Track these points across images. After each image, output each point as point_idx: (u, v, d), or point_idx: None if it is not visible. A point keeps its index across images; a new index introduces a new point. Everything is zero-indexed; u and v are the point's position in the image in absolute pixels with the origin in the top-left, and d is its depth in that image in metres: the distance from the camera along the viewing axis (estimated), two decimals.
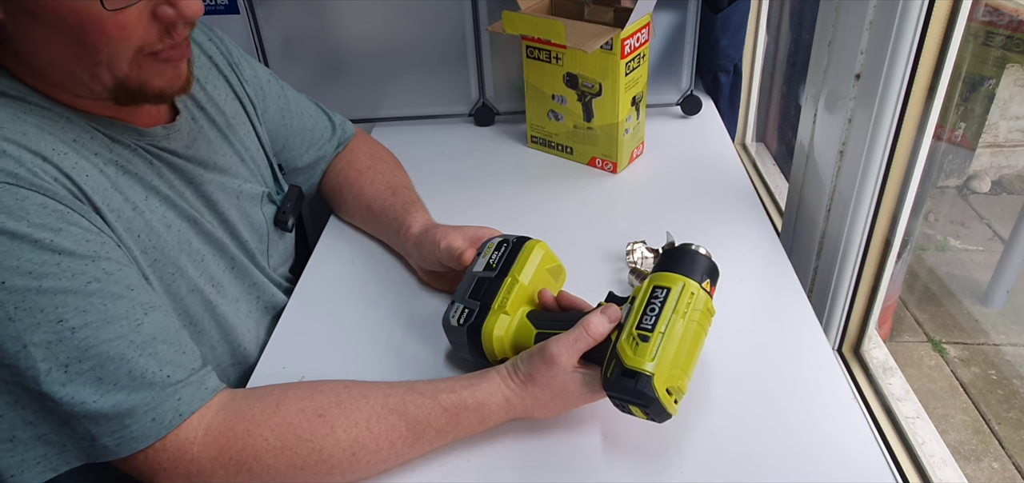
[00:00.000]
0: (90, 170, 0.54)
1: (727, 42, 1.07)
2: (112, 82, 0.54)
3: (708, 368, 0.64)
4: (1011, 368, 1.84)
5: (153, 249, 0.58)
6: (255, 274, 0.72)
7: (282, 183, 0.81)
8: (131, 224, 0.56)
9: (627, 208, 0.91)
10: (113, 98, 0.55)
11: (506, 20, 0.89)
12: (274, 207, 0.77)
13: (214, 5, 1.01)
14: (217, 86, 0.72)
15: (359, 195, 0.86)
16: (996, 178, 2.43)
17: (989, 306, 2.01)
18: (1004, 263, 1.97)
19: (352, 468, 0.53)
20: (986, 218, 2.36)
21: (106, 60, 0.52)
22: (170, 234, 0.60)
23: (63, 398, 0.48)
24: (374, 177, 0.87)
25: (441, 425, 0.56)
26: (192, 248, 0.63)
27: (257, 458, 0.51)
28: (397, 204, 0.82)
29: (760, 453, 0.56)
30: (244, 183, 0.72)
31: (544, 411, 0.57)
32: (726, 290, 0.75)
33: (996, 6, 1.58)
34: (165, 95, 0.58)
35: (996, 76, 1.71)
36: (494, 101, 1.12)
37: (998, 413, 1.74)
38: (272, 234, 0.77)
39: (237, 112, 0.74)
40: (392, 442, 0.54)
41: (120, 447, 0.49)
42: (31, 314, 0.47)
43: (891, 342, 1.94)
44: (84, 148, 0.55)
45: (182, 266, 0.61)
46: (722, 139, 1.05)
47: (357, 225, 0.89)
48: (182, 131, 0.65)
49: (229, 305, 0.67)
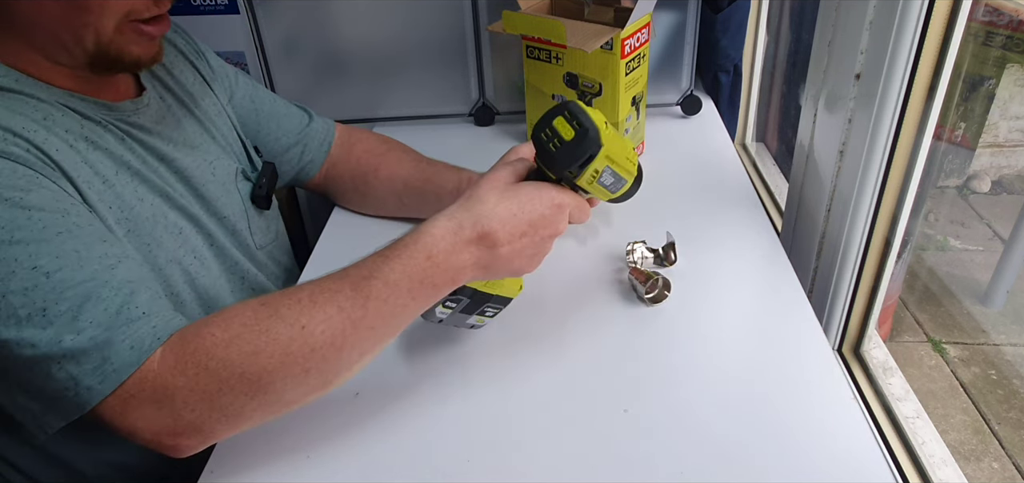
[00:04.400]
0: (60, 144, 0.55)
1: (727, 42, 1.07)
2: (93, 46, 0.57)
3: (708, 368, 0.64)
4: (1011, 368, 1.84)
5: (127, 220, 0.59)
6: (236, 253, 0.73)
7: (256, 161, 0.81)
8: (102, 195, 0.57)
9: (627, 208, 0.90)
10: (89, 65, 0.58)
11: (506, 20, 0.89)
12: (250, 184, 0.78)
13: (214, 5, 1.01)
14: (183, 70, 0.75)
15: (392, 176, 0.87)
16: (996, 178, 2.44)
17: (989, 306, 2.01)
18: (1004, 263, 1.97)
19: (304, 340, 0.51)
20: (986, 218, 2.36)
21: (94, 23, 0.55)
22: (143, 207, 0.61)
23: (42, 341, 0.48)
24: (401, 156, 0.89)
25: (386, 274, 0.53)
26: (168, 221, 0.64)
27: (210, 354, 0.50)
28: (438, 169, 0.85)
29: (760, 453, 0.56)
30: (216, 159, 0.73)
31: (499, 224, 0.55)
32: (726, 290, 0.75)
33: (996, 6, 1.58)
34: (141, 63, 0.61)
35: (996, 76, 1.71)
36: (494, 101, 1.12)
37: (998, 413, 1.74)
38: (251, 211, 0.77)
39: (205, 93, 0.76)
40: (339, 306, 0.52)
41: (104, 383, 0.48)
42: (6, 264, 0.48)
43: (891, 342, 1.94)
44: (54, 125, 0.56)
45: (158, 237, 0.62)
46: (722, 139, 1.05)
47: (386, 212, 0.90)
48: (151, 107, 0.67)
49: (211, 280, 0.68)
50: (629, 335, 0.69)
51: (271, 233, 0.82)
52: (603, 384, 0.63)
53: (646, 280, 0.72)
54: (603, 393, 0.62)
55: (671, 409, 0.60)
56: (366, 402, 0.63)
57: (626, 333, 0.69)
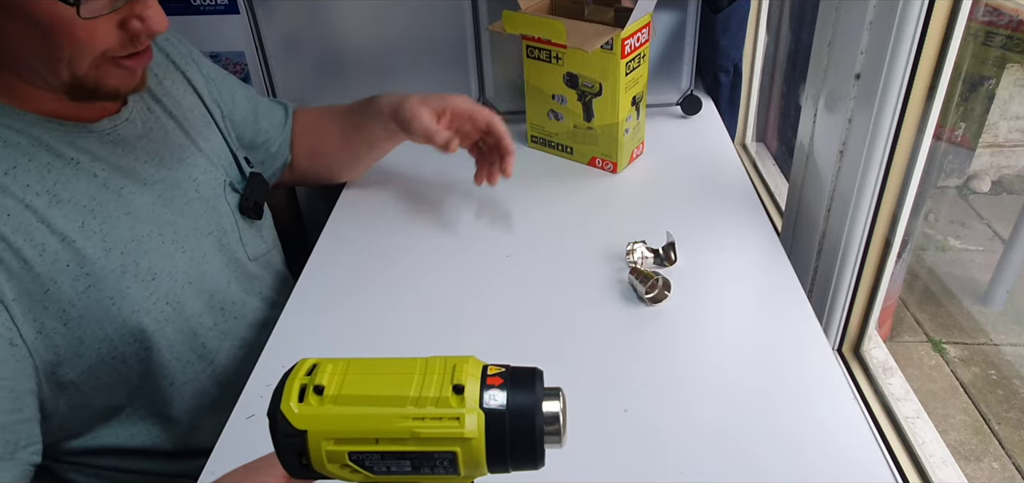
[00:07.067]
0: (13, 208, 0.54)
1: (727, 42, 1.07)
2: (69, 78, 0.56)
3: (708, 368, 0.64)
4: (1011, 368, 1.84)
5: (86, 276, 0.58)
6: (222, 275, 0.73)
7: (245, 172, 0.81)
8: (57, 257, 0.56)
9: (627, 208, 0.91)
10: (68, 93, 0.57)
11: (506, 20, 0.89)
12: (237, 195, 0.78)
13: (214, 5, 1.01)
14: (174, 81, 0.74)
15: (332, 119, 0.91)
16: (996, 178, 2.44)
17: (989, 306, 2.01)
18: (1004, 263, 1.97)
19: None
20: (986, 218, 2.36)
21: (67, 60, 0.54)
22: (109, 259, 0.60)
23: None
24: (333, 107, 0.93)
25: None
26: (139, 269, 0.62)
27: None
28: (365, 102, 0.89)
29: (760, 453, 0.56)
30: (202, 173, 0.72)
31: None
32: (726, 290, 0.75)
33: (996, 6, 1.58)
34: (119, 93, 0.60)
35: (996, 76, 1.71)
36: (494, 101, 1.12)
37: (998, 413, 1.74)
38: (241, 223, 0.77)
39: (195, 105, 0.76)
40: None
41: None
42: None
43: (891, 342, 1.94)
44: (17, 178, 0.55)
45: (124, 288, 0.60)
46: (722, 139, 1.05)
47: (343, 160, 0.92)
48: (133, 121, 0.66)
49: (184, 320, 0.67)
50: (629, 335, 0.69)
51: (265, 243, 0.82)
52: (603, 384, 0.63)
53: (646, 280, 0.72)
54: (603, 393, 0.62)
55: (671, 409, 0.60)
56: None
57: (626, 333, 0.69)
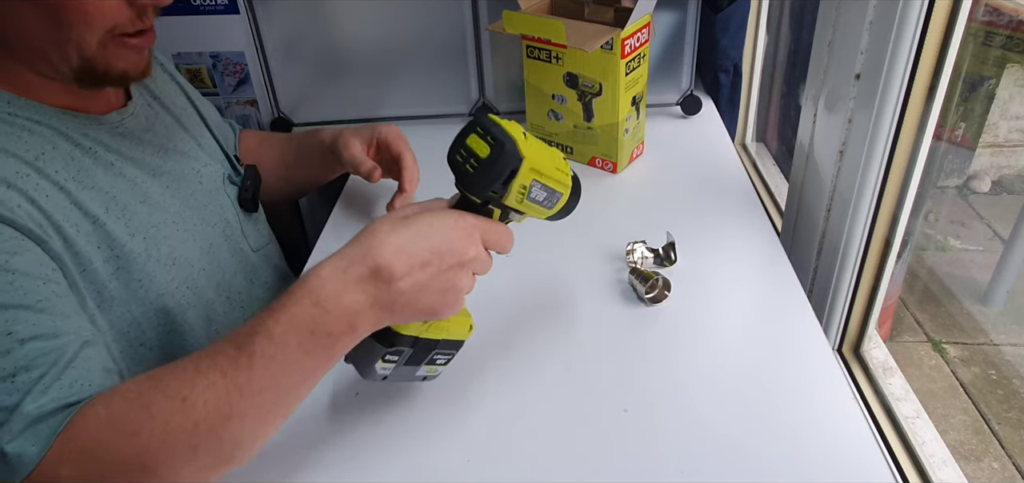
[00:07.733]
0: (50, 190, 0.55)
1: (727, 42, 1.07)
2: (79, 61, 0.56)
3: (708, 368, 0.64)
4: (1011, 368, 1.85)
5: (115, 258, 0.59)
6: (230, 263, 0.74)
7: (238, 166, 0.83)
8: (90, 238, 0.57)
9: (627, 208, 0.91)
10: (77, 79, 0.58)
11: (506, 20, 0.89)
12: (236, 188, 0.79)
13: (214, 5, 1.01)
14: (165, 83, 0.77)
15: (272, 145, 0.93)
16: (996, 178, 2.44)
17: (989, 306, 2.01)
18: (1004, 263, 1.97)
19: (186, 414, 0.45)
20: (986, 218, 2.36)
21: (77, 39, 0.55)
22: (134, 243, 0.61)
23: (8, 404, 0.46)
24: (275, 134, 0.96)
25: (270, 327, 0.46)
26: (160, 254, 0.64)
27: (92, 437, 0.46)
28: (308, 133, 0.91)
29: (760, 453, 0.56)
30: (204, 167, 0.74)
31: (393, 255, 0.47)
32: (727, 290, 0.75)
33: (996, 6, 1.58)
34: (128, 77, 0.61)
35: (996, 76, 1.71)
36: (494, 101, 1.12)
37: (998, 413, 1.74)
38: (241, 215, 0.79)
39: (186, 105, 0.78)
40: (222, 371, 0.46)
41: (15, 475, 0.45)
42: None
43: (891, 342, 1.94)
44: (46, 166, 0.55)
45: (150, 272, 0.62)
46: (722, 139, 1.05)
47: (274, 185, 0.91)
48: (138, 115, 0.68)
49: (204, 304, 0.69)
50: (629, 335, 0.69)
51: (264, 236, 0.84)
52: (603, 384, 0.63)
53: (646, 280, 0.72)
54: (603, 393, 0.62)
55: (671, 409, 0.60)
56: (365, 402, 0.63)
57: (626, 333, 0.69)
